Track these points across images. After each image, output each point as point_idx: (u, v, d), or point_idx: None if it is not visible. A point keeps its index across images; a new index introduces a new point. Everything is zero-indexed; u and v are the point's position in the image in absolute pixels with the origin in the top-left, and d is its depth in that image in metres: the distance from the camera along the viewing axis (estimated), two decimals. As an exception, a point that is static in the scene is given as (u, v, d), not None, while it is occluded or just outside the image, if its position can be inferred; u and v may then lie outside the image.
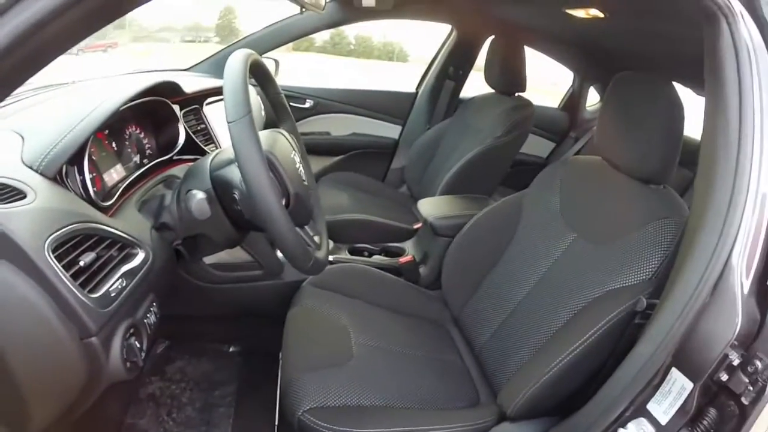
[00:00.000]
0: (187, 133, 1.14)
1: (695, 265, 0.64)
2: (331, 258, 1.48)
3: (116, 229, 0.74)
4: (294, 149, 0.94)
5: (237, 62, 0.78)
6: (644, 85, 0.90)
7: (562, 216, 1.04)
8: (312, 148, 2.14)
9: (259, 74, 0.97)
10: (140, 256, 0.78)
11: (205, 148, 1.19)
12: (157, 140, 1.11)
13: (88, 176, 0.78)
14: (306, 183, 0.93)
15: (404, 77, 2.26)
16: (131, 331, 0.73)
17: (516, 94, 1.74)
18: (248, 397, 1.35)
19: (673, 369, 0.65)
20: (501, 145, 1.58)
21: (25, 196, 0.63)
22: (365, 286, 1.24)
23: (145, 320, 0.78)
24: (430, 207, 1.51)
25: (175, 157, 1.11)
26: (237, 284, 1.29)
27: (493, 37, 1.78)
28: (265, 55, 1.91)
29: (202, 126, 1.25)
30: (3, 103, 0.90)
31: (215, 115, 1.35)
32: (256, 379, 1.38)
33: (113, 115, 0.84)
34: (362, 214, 1.70)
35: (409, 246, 1.70)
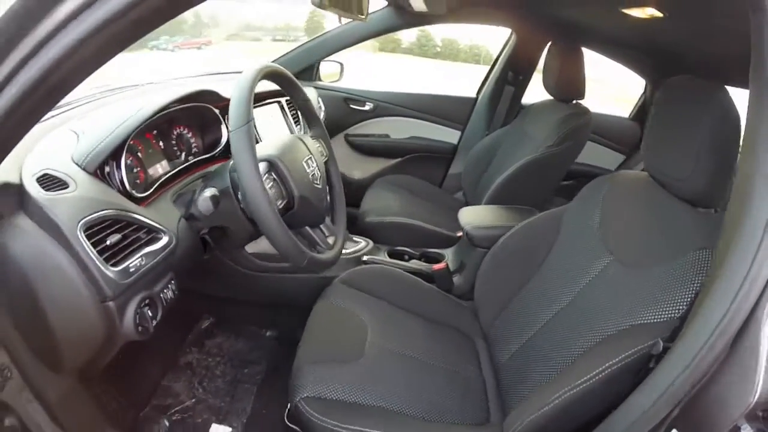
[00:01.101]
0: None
1: (712, 308, 0.54)
2: (365, 258, 1.48)
3: (144, 217, 0.84)
4: (310, 154, 0.98)
5: (245, 77, 0.85)
6: (694, 90, 0.78)
7: (601, 234, 0.94)
8: (370, 150, 2.19)
9: (283, 83, 1.02)
10: (163, 240, 0.87)
11: None
12: (204, 140, 1.20)
13: (124, 172, 0.88)
14: (319, 186, 0.97)
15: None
16: (146, 301, 0.82)
17: (574, 102, 1.60)
18: (272, 379, 1.40)
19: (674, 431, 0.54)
20: (553, 155, 1.47)
21: (67, 186, 0.76)
22: (394, 288, 1.23)
23: (162, 294, 0.87)
24: (470, 216, 1.46)
25: (218, 155, 1.19)
26: (276, 274, 1.35)
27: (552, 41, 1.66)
28: (329, 59, 1.99)
29: None
30: (76, 105, 1.05)
31: (261, 117, 1.43)
32: (283, 364, 1.43)
33: (143, 124, 0.94)
34: (407, 218, 1.68)
35: (449, 253, 1.64)
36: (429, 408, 0.93)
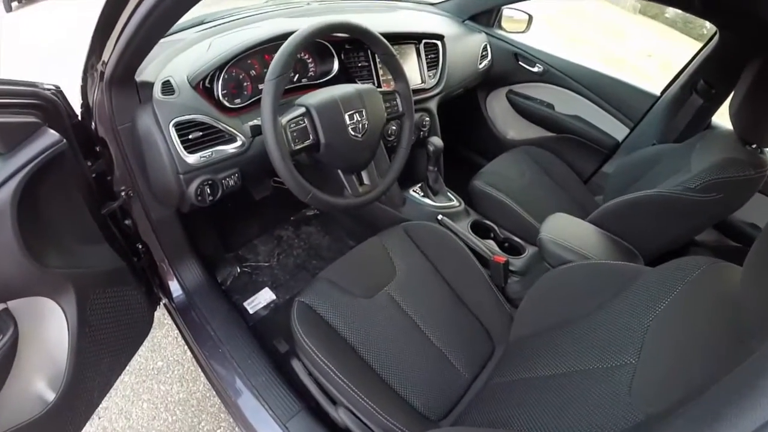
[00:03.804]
0: (343, 66, 1.38)
1: None
2: (439, 217, 1.55)
3: (223, 123, 1.11)
4: (362, 108, 1.09)
5: (300, 32, 0.99)
6: None
7: (646, 327, 0.77)
8: (530, 114, 2.09)
9: (361, 36, 1.10)
10: (236, 144, 1.13)
11: (357, 82, 1.41)
12: (321, 68, 1.38)
13: (220, 88, 1.14)
14: (358, 138, 1.10)
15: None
16: (209, 182, 1.11)
17: (754, 146, 1.18)
18: None
19: None
20: (689, 201, 1.15)
21: (173, 93, 1.06)
22: (445, 256, 1.25)
23: (223, 181, 1.14)
24: (557, 225, 1.32)
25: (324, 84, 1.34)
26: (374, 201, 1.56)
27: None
28: (513, 6, 1.87)
29: (365, 64, 1.45)
30: (235, 18, 1.33)
31: None
32: None
33: (238, 55, 1.15)
34: (510, 199, 1.63)
35: (530, 251, 1.57)
36: (397, 375, 0.98)
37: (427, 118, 1.67)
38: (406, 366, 1.01)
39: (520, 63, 1.98)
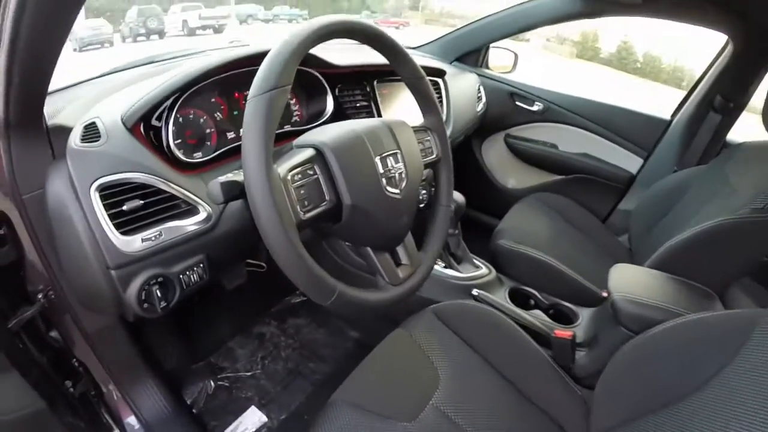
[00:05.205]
0: (338, 105, 1.13)
1: None
2: (475, 292, 1.29)
3: (177, 185, 0.77)
4: (397, 149, 0.78)
5: (300, 29, 0.66)
6: None
7: None
8: (532, 158, 1.98)
9: (380, 48, 0.81)
10: (198, 217, 0.78)
11: None
12: (308, 109, 1.13)
13: (171, 133, 0.82)
14: (397, 195, 0.76)
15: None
16: (159, 279, 0.75)
17: None
18: (330, 386, 1.34)
19: None
20: (757, 223, 1.05)
21: (98, 139, 0.73)
22: (495, 342, 1.03)
23: (182, 276, 0.79)
24: (625, 280, 1.13)
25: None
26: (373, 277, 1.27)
27: None
28: (501, 45, 1.82)
29: (365, 103, 1.24)
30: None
31: (390, 94, 1.34)
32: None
33: (197, 79, 0.85)
34: (547, 256, 1.41)
35: (585, 315, 1.33)
36: None
37: (440, 170, 1.46)
38: None
39: (517, 103, 1.90)
